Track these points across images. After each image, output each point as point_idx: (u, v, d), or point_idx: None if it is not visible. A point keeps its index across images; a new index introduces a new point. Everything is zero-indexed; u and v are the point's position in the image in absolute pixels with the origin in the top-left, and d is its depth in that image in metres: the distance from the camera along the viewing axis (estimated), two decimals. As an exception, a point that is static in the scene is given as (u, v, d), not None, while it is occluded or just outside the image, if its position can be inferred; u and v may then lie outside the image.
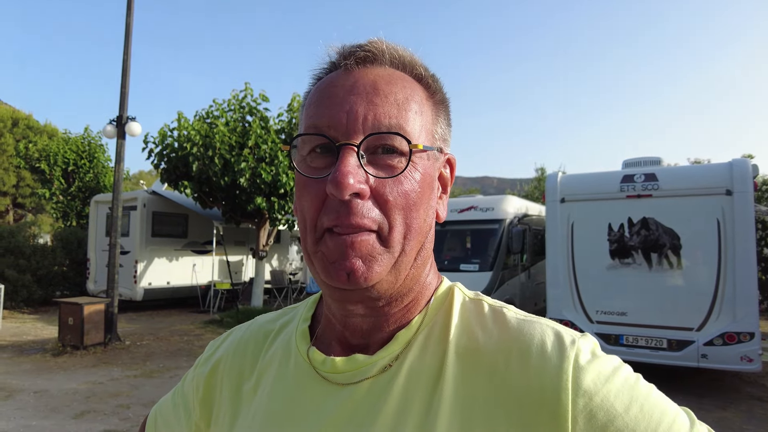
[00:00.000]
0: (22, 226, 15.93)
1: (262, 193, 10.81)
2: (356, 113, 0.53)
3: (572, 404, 0.49)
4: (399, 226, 0.53)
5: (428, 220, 0.57)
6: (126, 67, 9.10)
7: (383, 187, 0.52)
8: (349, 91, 0.54)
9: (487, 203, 9.30)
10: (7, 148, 25.29)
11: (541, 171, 30.09)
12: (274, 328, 0.70)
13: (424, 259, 0.59)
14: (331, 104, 0.54)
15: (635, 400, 0.50)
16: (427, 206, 0.57)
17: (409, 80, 0.58)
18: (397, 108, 0.54)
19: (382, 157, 0.53)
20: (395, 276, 0.55)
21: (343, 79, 0.56)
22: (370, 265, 0.52)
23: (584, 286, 6.70)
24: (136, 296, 11.93)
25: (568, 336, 0.54)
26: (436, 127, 0.59)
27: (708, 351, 5.83)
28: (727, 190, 5.95)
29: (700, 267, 6.09)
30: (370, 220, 0.52)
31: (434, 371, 0.55)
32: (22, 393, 5.89)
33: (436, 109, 0.60)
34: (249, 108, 11.11)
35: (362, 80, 0.55)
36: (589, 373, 0.50)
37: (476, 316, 0.59)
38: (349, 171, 0.50)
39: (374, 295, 0.54)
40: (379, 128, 0.52)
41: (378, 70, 0.56)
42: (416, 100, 0.56)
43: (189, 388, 0.73)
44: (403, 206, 0.53)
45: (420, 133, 0.55)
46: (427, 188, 0.56)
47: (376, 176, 0.52)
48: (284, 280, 13.58)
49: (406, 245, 0.54)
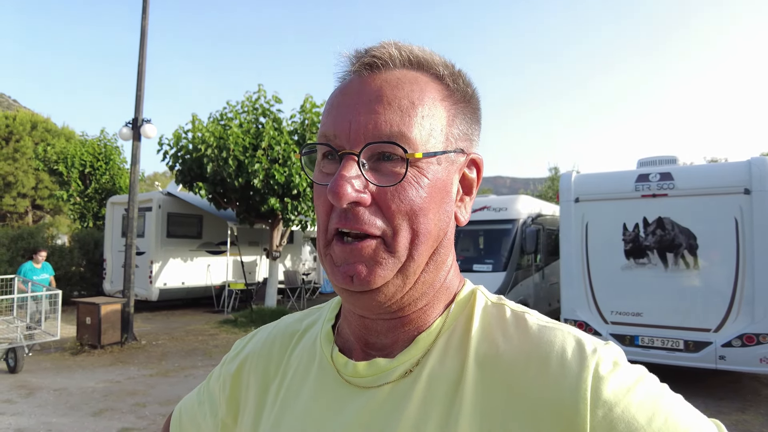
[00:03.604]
0: (40, 228, 16.22)
1: (275, 194, 10.88)
2: (358, 122, 0.53)
3: (591, 415, 0.48)
4: (404, 232, 0.53)
5: (441, 225, 0.57)
6: (141, 70, 9.22)
7: (385, 194, 0.53)
8: (355, 99, 0.55)
9: (501, 203, 9.26)
10: (26, 150, 25.80)
11: (555, 170, 29.88)
12: (300, 329, 0.71)
13: (439, 263, 0.59)
14: (338, 114, 0.55)
15: (659, 412, 0.48)
16: (438, 211, 0.56)
17: (423, 81, 0.57)
18: (400, 114, 0.53)
19: (385, 165, 0.53)
20: (403, 280, 0.55)
21: (352, 86, 0.56)
22: (373, 268, 0.53)
23: (599, 286, 6.63)
24: (152, 296, 12.07)
25: (589, 344, 0.53)
26: (453, 128, 0.57)
27: (726, 352, 5.73)
28: (745, 189, 5.85)
29: (718, 267, 5.99)
30: (373, 227, 0.52)
31: (454, 378, 0.55)
32: (42, 391, 6.01)
33: (453, 108, 0.58)
34: (262, 109, 11.18)
35: (368, 87, 0.55)
36: (610, 383, 0.49)
37: (498, 321, 0.58)
38: (345, 180, 0.51)
39: (382, 299, 0.55)
40: (378, 137, 0.53)
41: (386, 75, 0.56)
42: (426, 102, 0.55)
43: (215, 385, 0.75)
44: (408, 212, 0.53)
45: (427, 137, 0.54)
46: (437, 193, 0.55)
47: (377, 184, 0.53)
48: (297, 280, 13.65)
49: (413, 250, 0.54)
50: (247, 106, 11.23)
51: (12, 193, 26.53)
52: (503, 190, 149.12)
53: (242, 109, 11.26)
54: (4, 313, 8.17)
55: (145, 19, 9.33)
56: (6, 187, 26.34)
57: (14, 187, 26.39)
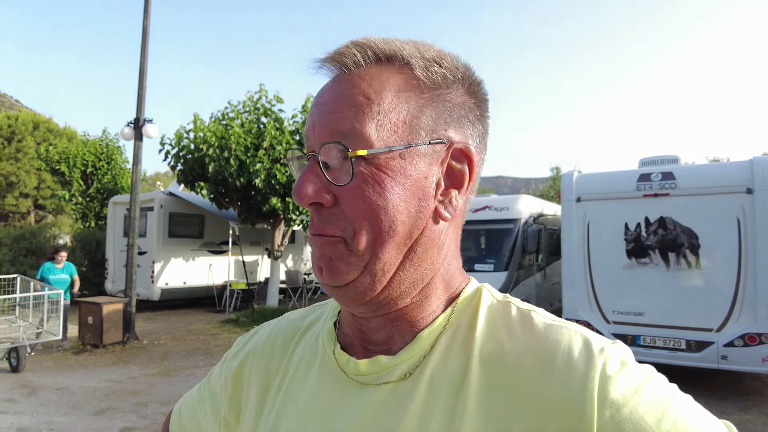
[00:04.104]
0: (43, 227, 16.28)
1: (277, 194, 10.89)
2: (319, 124, 0.55)
3: (598, 415, 0.47)
4: (364, 232, 0.52)
5: (413, 222, 0.54)
6: (143, 69, 9.23)
7: (344, 194, 0.53)
8: (317, 102, 0.57)
9: (502, 203, 9.25)
10: (29, 150, 25.86)
11: (557, 170, 29.85)
12: (302, 326, 0.71)
13: (419, 260, 0.56)
14: (309, 118, 0.57)
15: (668, 413, 0.47)
16: (407, 208, 0.53)
17: (386, 74, 0.54)
18: (354, 111, 0.52)
19: (344, 164, 0.52)
20: (371, 279, 0.54)
21: (321, 90, 0.58)
22: (335, 265, 0.54)
23: (600, 286, 6.62)
24: (153, 296, 12.09)
25: (597, 343, 0.51)
26: (423, 119, 0.54)
27: (728, 352, 5.72)
28: (747, 189, 5.84)
29: (720, 267, 5.98)
30: (333, 227, 0.53)
31: (458, 376, 0.54)
32: (45, 390, 6.02)
33: (424, 97, 0.55)
34: (264, 109, 11.19)
35: (330, 89, 0.56)
36: (618, 382, 0.48)
37: (503, 319, 0.57)
38: (306, 180, 0.53)
39: (354, 295, 0.55)
40: (325, 138, 0.53)
41: (349, 76, 0.55)
42: (386, 95, 0.53)
43: (216, 383, 0.74)
44: (367, 211, 0.52)
45: (389, 132, 0.52)
46: (402, 190, 0.53)
47: (334, 183, 0.53)
48: (299, 279, 13.65)
49: (377, 250, 0.53)
50: (249, 105, 11.25)
51: (14, 193, 26.60)
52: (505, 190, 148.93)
53: (244, 109, 11.27)
54: (6, 312, 8.20)
55: (147, 19, 9.34)
56: (8, 187, 26.40)
57: (17, 187, 26.45)
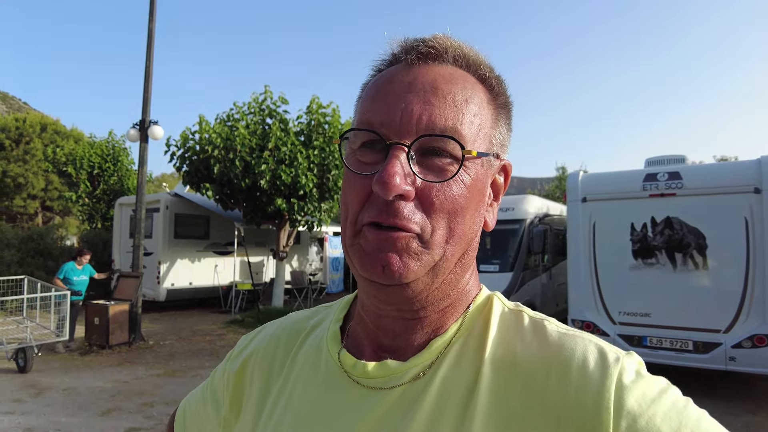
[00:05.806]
0: (50, 229, 16.37)
1: (282, 195, 10.91)
2: (411, 112, 0.51)
3: (614, 425, 0.46)
4: (441, 230, 0.52)
5: (474, 228, 0.55)
6: (149, 71, 9.28)
7: (430, 190, 0.51)
8: (406, 88, 0.52)
9: (508, 203, 9.21)
10: (36, 152, 26.04)
11: (562, 170, 29.71)
12: (307, 327, 0.70)
13: (465, 265, 0.57)
14: (386, 101, 0.53)
15: (685, 426, 0.46)
16: (474, 213, 0.54)
17: (472, 81, 0.55)
18: (454, 110, 0.52)
19: (434, 160, 0.51)
20: (432, 278, 0.53)
21: (403, 74, 0.54)
22: (406, 261, 0.50)
23: (606, 286, 6.59)
24: (159, 297, 12.14)
25: (612, 353, 0.51)
26: (495, 132, 0.57)
27: (736, 353, 5.67)
28: (755, 188, 5.79)
29: (728, 267, 5.93)
30: (412, 223, 0.50)
31: (468, 383, 0.53)
32: (51, 390, 6.06)
33: (497, 112, 0.57)
34: (269, 110, 11.22)
35: (421, 78, 0.53)
36: (634, 393, 0.47)
37: (515, 328, 0.56)
38: (396, 171, 0.49)
39: (409, 295, 0.53)
40: (433, 130, 0.51)
41: (439, 68, 0.54)
42: (476, 102, 0.54)
43: (219, 383, 0.73)
44: (449, 211, 0.51)
45: (476, 137, 0.53)
46: (476, 195, 0.54)
47: (425, 179, 0.51)
48: (304, 280, 13.67)
49: (447, 250, 0.52)
50: (254, 107, 11.28)
51: (22, 195, 26.79)
52: (510, 190, 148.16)
53: (249, 110, 11.30)
54: (14, 313, 8.25)
55: (152, 22, 9.39)
56: (16, 189, 26.59)
57: (24, 188, 26.64)
